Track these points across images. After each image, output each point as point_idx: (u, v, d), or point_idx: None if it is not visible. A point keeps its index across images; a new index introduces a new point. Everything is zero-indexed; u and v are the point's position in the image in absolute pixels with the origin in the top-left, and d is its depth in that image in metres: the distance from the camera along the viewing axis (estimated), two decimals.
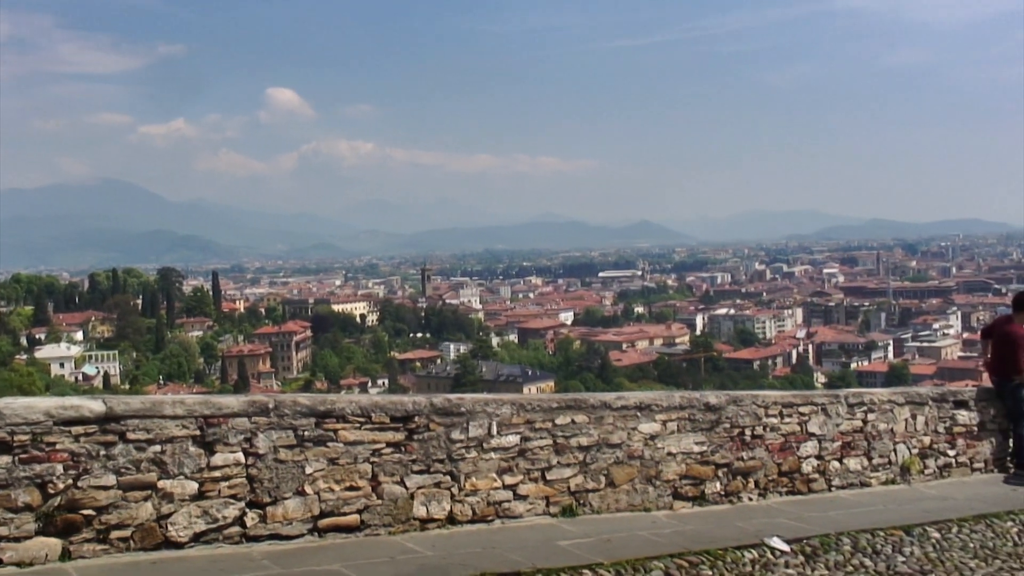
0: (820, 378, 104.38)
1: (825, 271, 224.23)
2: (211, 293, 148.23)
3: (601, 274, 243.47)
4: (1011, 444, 10.22)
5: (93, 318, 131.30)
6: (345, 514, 6.55)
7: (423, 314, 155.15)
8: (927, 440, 9.72)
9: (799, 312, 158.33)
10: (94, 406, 5.73)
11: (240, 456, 6.17)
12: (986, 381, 10.91)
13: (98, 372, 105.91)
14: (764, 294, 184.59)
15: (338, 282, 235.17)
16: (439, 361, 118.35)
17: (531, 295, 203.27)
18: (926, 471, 9.65)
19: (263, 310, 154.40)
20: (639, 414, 7.91)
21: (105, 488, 5.69)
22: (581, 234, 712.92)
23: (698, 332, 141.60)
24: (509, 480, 7.27)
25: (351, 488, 6.57)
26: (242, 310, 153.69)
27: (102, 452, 5.70)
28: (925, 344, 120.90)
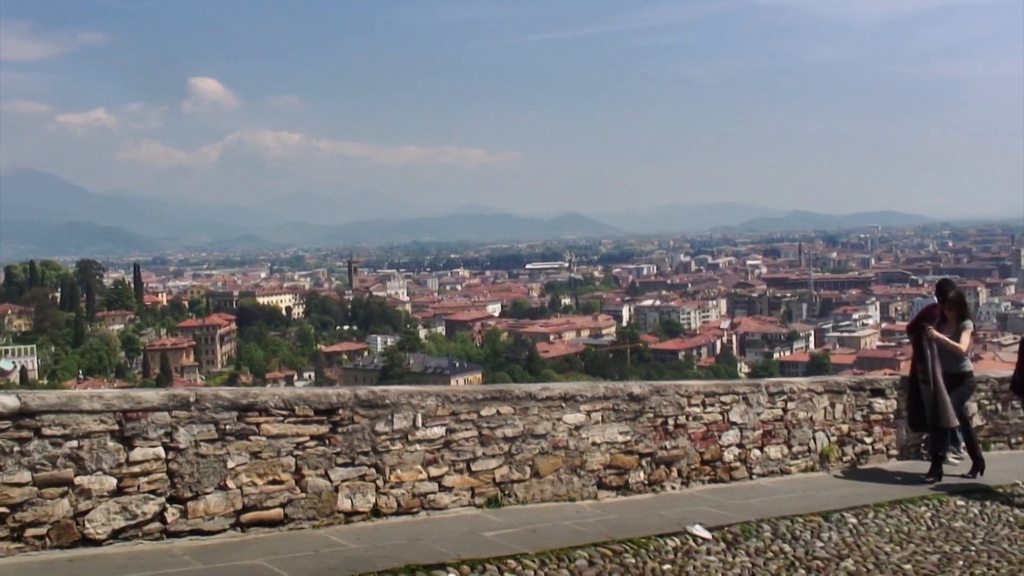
0: (744, 368, 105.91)
1: (749, 263, 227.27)
2: (132, 286, 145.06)
3: (528, 266, 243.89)
4: None
5: (9, 312, 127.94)
6: (268, 508, 6.49)
7: (350, 306, 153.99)
8: (845, 428, 9.94)
9: (723, 303, 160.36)
10: (7, 401, 5.60)
11: (160, 451, 6.08)
12: (904, 370, 11.14)
13: (15, 367, 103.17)
14: (689, 285, 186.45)
15: (263, 274, 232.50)
16: (366, 354, 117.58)
17: (459, 287, 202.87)
18: (844, 458, 9.87)
19: (186, 303, 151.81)
20: (564, 405, 7.96)
21: (19, 485, 5.57)
22: (508, 226, 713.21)
23: (624, 323, 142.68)
24: (434, 472, 7.27)
25: (274, 482, 6.52)
26: (165, 303, 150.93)
27: (16, 448, 5.57)
28: (845, 334, 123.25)
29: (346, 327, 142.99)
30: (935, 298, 10.61)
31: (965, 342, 9.49)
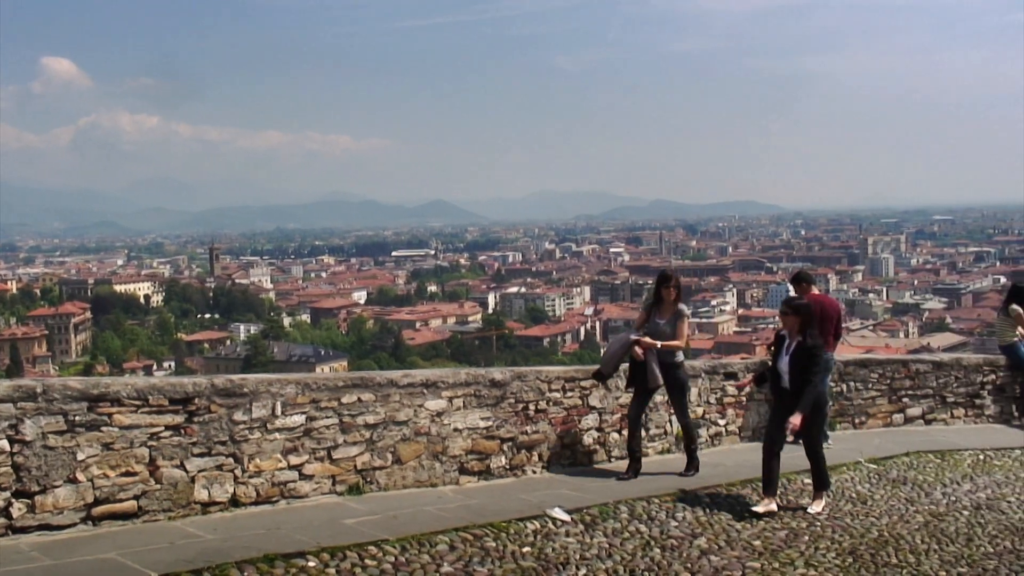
0: None
1: (612, 250, 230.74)
2: None
3: (394, 253, 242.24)
4: None
5: None
6: (121, 501, 6.35)
7: (211, 294, 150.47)
8: (700, 411, 10.23)
9: (587, 290, 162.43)
10: None
11: (5, 444, 5.89)
12: (759, 354, 11.48)
13: None
14: (554, 273, 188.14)
15: (120, 261, 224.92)
16: (229, 342, 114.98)
17: (324, 274, 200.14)
18: (699, 440, 10.14)
19: (38, 291, 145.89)
20: (426, 391, 8.00)
21: None
22: (374, 213, 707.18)
23: (490, 310, 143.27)
24: (294, 460, 7.23)
25: (127, 473, 6.38)
26: (14, 291, 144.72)
27: None
28: (704, 320, 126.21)
29: (207, 315, 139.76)
30: (790, 286, 11.02)
31: (684, 333, 8.91)
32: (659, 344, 8.77)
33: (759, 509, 7.70)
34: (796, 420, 7.76)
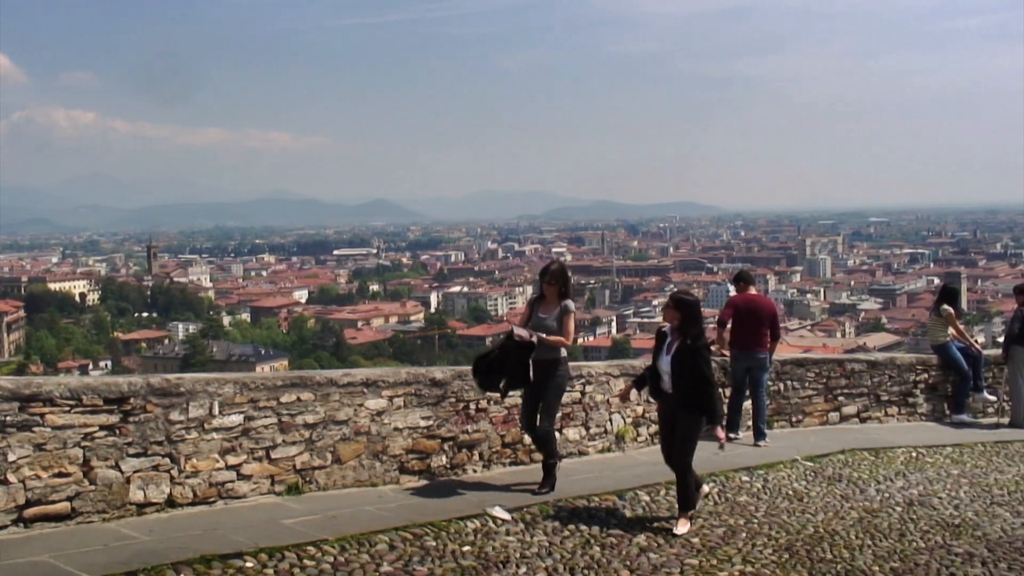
0: None
1: (554, 250, 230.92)
2: None
3: (336, 252, 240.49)
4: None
5: None
6: (54, 502, 6.25)
7: (149, 293, 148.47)
8: (640, 409, 10.29)
9: (529, 290, 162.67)
10: None
11: None
12: None
13: None
14: (496, 272, 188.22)
15: (55, 259, 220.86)
16: (167, 341, 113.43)
17: (264, 273, 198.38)
18: (639, 438, 10.23)
19: None
20: (366, 390, 7.96)
21: None
22: (315, 212, 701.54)
23: (432, 309, 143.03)
24: (232, 460, 7.16)
25: (60, 474, 6.28)
26: None
27: None
28: (645, 320, 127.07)
29: (145, 314, 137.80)
30: (730, 286, 11.16)
31: (570, 329, 8.23)
32: (541, 337, 8.00)
33: (678, 531, 7.18)
34: (720, 433, 7.54)
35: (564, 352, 8.28)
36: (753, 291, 11.20)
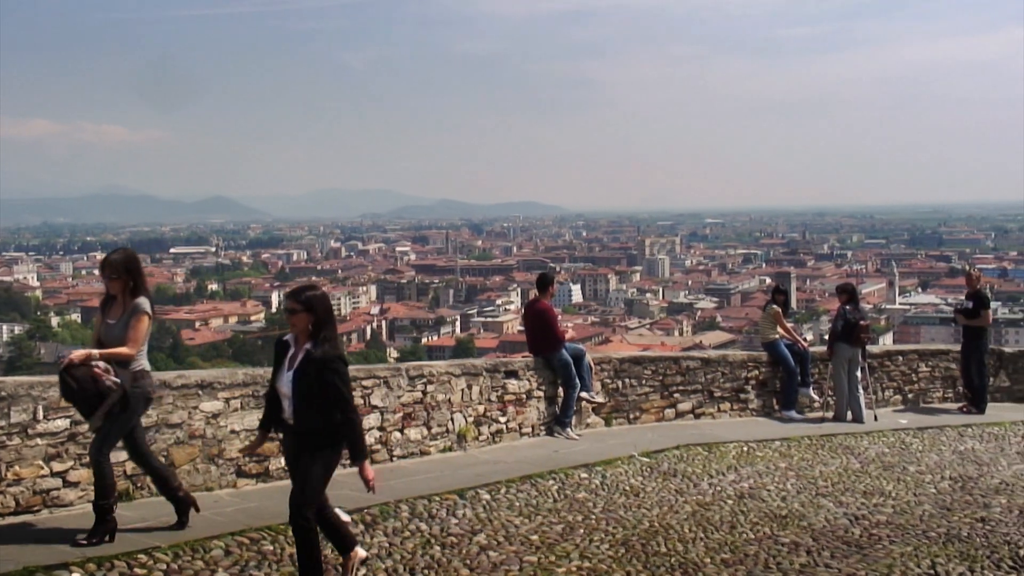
0: (393, 353, 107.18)
1: (398, 249, 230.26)
2: None
3: (172, 250, 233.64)
4: (558, 409, 11.16)
5: None
6: None
7: None
8: (481, 408, 10.35)
9: (373, 289, 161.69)
10: None
11: None
12: None
13: None
14: (339, 271, 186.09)
15: None
16: None
17: (95, 272, 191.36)
18: (480, 437, 10.29)
19: None
20: (201, 392, 7.78)
21: None
22: (151, 208, 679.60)
23: (274, 309, 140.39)
24: (58, 467, 6.90)
25: None
26: None
27: None
28: (489, 319, 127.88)
29: None
30: (536, 289, 11.60)
31: (139, 335, 6.69)
32: (97, 353, 6.37)
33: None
34: (368, 473, 5.63)
35: (139, 365, 6.60)
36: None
